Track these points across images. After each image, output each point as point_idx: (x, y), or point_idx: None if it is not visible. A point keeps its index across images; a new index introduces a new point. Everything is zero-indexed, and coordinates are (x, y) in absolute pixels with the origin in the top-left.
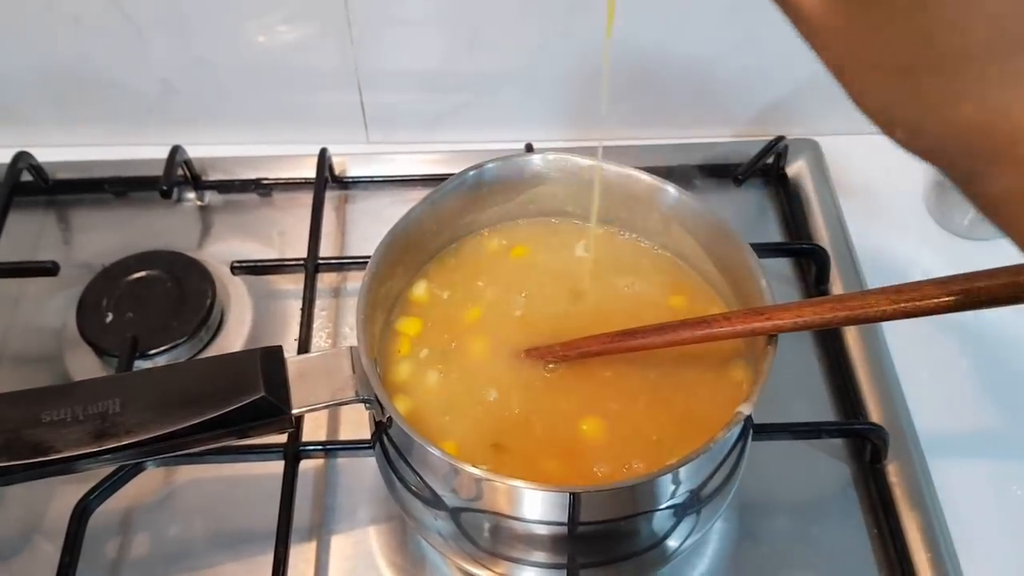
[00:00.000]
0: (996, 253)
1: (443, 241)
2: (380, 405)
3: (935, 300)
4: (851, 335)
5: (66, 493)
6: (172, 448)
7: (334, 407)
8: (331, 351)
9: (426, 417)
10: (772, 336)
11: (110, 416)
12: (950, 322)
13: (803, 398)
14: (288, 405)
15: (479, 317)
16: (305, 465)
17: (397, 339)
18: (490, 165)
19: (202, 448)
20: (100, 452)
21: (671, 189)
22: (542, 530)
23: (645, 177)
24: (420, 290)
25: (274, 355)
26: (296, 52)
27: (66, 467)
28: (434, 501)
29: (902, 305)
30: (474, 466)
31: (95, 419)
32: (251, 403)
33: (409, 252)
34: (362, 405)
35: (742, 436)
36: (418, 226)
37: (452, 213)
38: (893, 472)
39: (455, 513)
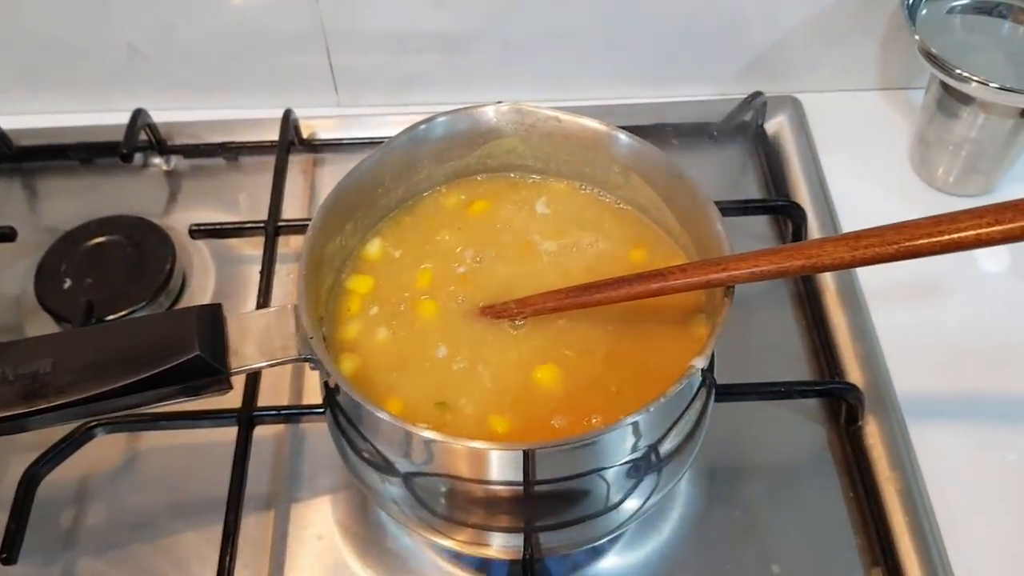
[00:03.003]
0: None
1: (398, 198)
2: (323, 364)
3: (895, 247)
4: (831, 296)
5: (20, 462)
6: (108, 409)
7: (277, 366)
8: (275, 309)
9: (373, 375)
10: (729, 288)
11: (40, 376)
12: (933, 284)
13: (781, 360)
14: (225, 365)
15: (433, 275)
16: (266, 431)
17: (347, 297)
18: (441, 119)
19: (144, 410)
20: (30, 413)
21: (623, 136)
22: (498, 491)
23: (597, 125)
24: (373, 248)
25: (213, 313)
26: (262, 13)
27: None
28: (385, 467)
29: (860, 252)
30: (422, 427)
31: (25, 380)
32: (186, 362)
33: (360, 209)
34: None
35: (702, 392)
36: (368, 182)
37: (405, 169)
38: (871, 434)
39: (407, 479)
